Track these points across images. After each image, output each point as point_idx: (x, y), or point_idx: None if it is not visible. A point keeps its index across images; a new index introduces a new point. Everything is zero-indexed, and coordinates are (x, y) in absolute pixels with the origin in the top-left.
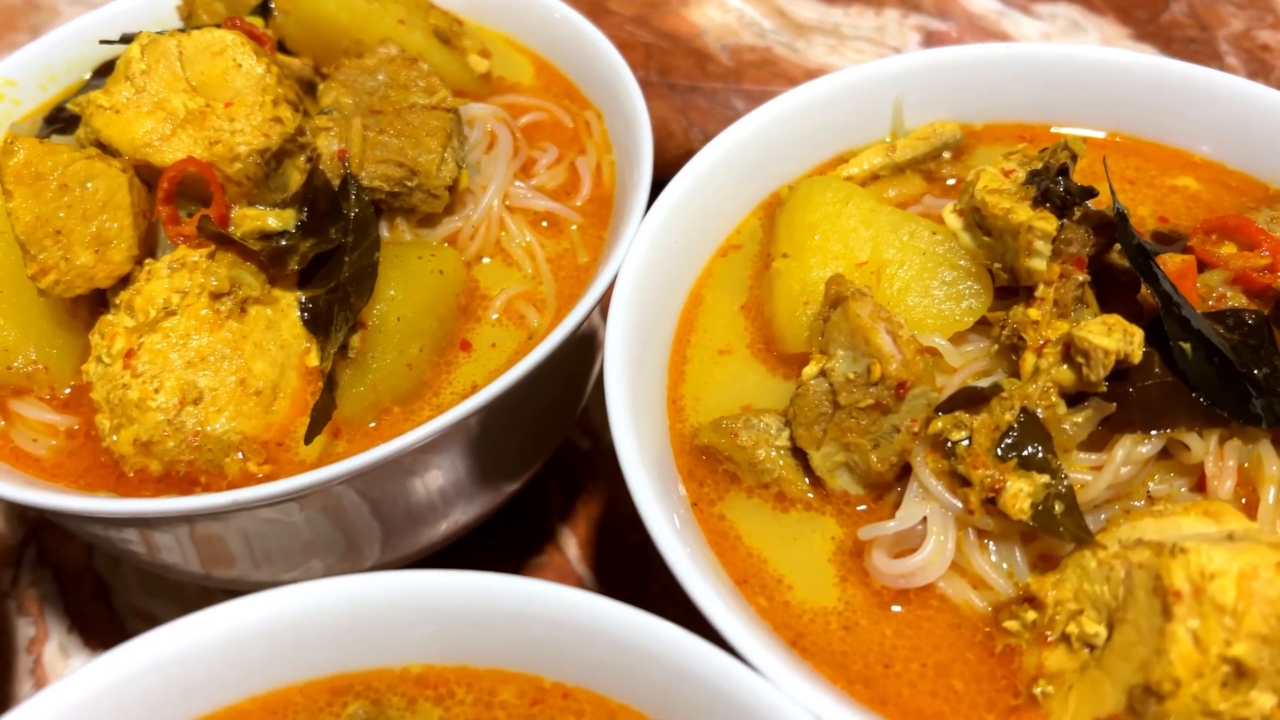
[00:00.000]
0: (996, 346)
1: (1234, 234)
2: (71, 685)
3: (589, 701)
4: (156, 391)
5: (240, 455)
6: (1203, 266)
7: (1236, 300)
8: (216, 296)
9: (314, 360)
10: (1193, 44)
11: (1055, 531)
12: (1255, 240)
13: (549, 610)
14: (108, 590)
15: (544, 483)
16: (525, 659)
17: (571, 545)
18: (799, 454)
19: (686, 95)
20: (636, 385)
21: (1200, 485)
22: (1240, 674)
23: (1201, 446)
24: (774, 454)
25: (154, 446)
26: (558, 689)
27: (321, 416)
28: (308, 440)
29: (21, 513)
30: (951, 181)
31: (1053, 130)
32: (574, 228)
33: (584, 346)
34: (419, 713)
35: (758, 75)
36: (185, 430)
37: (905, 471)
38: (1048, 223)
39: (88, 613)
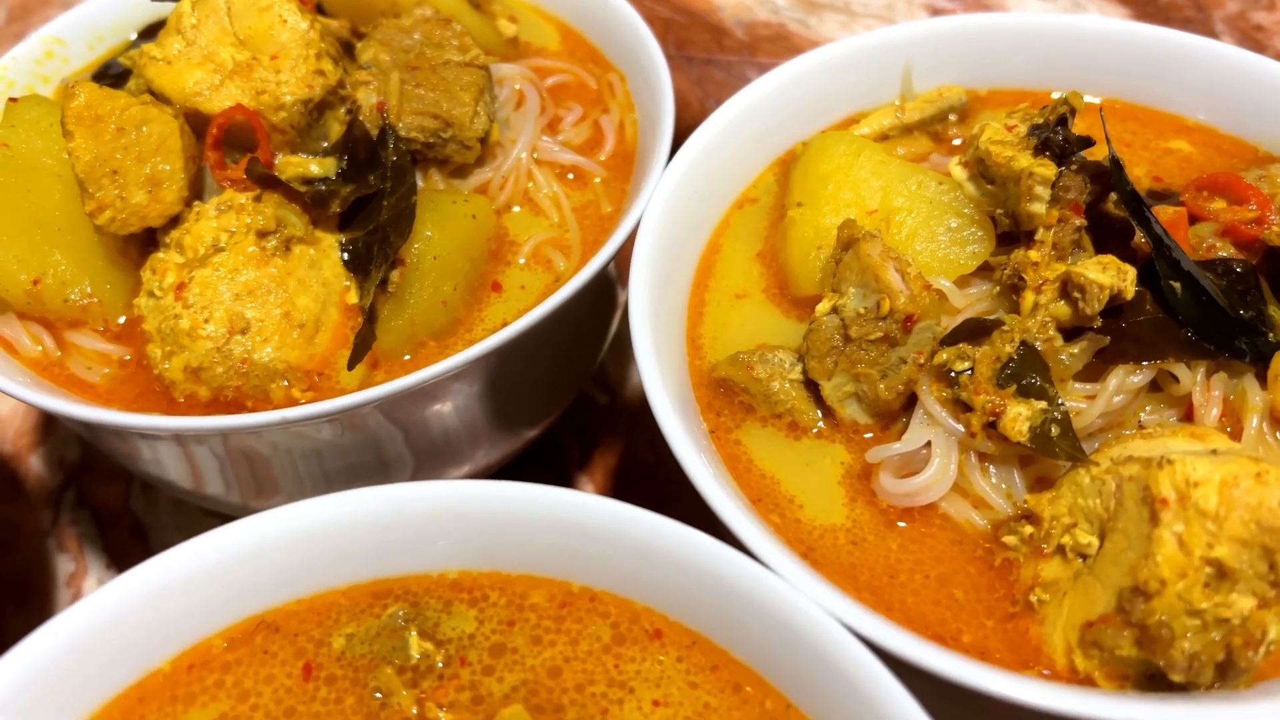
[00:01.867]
0: (998, 288)
1: (1224, 190)
2: (133, 579)
3: (614, 604)
4: (206, 321)
5: (285, 383)
6: (1194, 220)
7: (1226, 251)
8: (262, 235)
9: (353, 298)
10: (1190, 24)
11: (1052, 452)
12: (1244, 196)
13: (578, 517)
14: (144, 530)
15: (562, 435)
16: (554, 565)
17: (589, 493)
18: (811, 386)
19: (703, 68)
20: (658, 325)
21: (1188, 415)
22: (1221, 575)
23: (1190, 378)
24: (787, 386)
25: (203, 373)
26: (585, 592)
27: (363, 345)
28: (350, 366)
29: (60, 458)
30: (957, 141)
31: (1054, 96)
32: (598, 180)
33: (604, 299)
34: (455, 614)
35: (771, 49)
36: (233, 358)
37: (911, 403)
38: (1047, 169)
39: (125, 551)
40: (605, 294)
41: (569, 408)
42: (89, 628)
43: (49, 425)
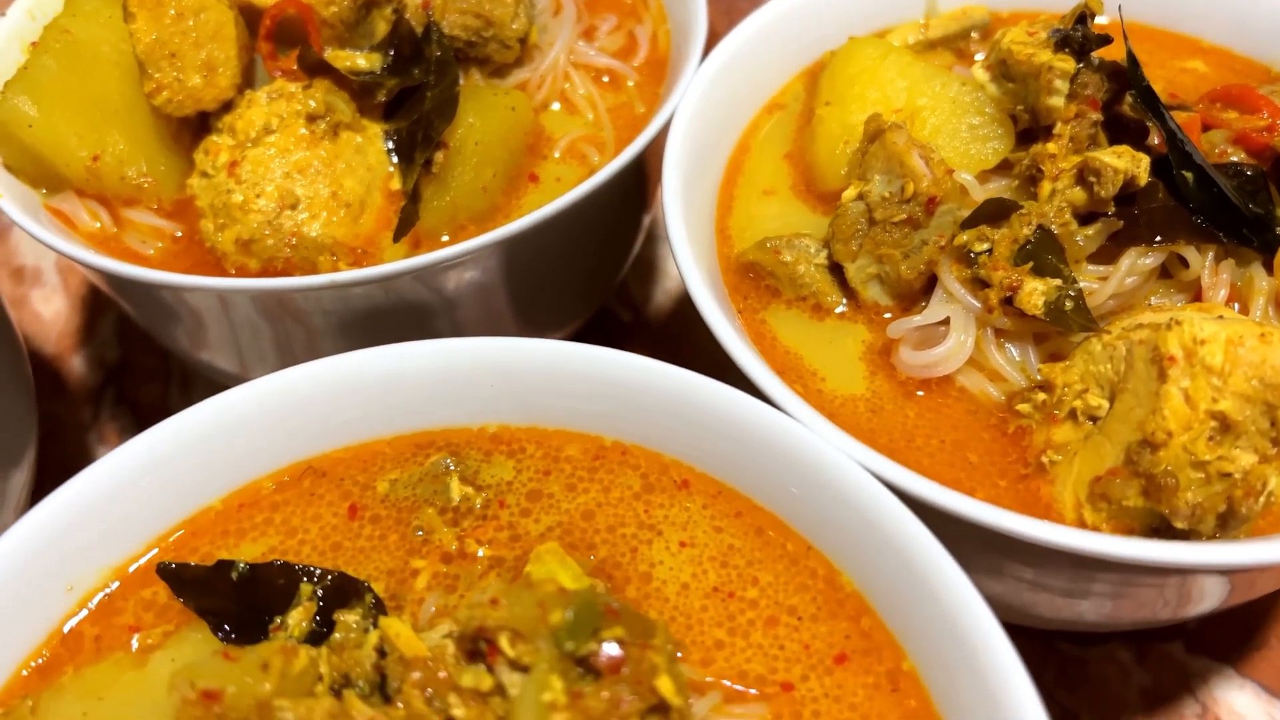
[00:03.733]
0: (1017, 183)
1: (1237, 101)
2: (185, 420)
3: (644, 457)
4: (258, 196)
5: (333, 257)
6: (1206, 128)
7: (1237, 156)
8: (312, 119)
9: (396, 184)
10: None
11: (1066, 324)
12: (1256, 106)
13: (614, 374)
14: None
15: None
16: (589, 420)
17: None
18: (835, 270)
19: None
20: (689, 214)
21: (1197, 299)
22: (1225, 428)
23: (1199, 261)
24: (812, 269)
25: (254, 245)
26: (617, 446)
27: (408, 221)
28: (396, 238)
29: (101, 358)
30: (979, 57)
31: None
32: (631, 84)
33: (634, 197)
34: (494, 464)
35: None
36: (283, 231)
37: (930, 287)
38: (1066, 63)
39: None
40: (636, 192)
41: (593, 320)
42: (143, 464)
43: (89, 328)
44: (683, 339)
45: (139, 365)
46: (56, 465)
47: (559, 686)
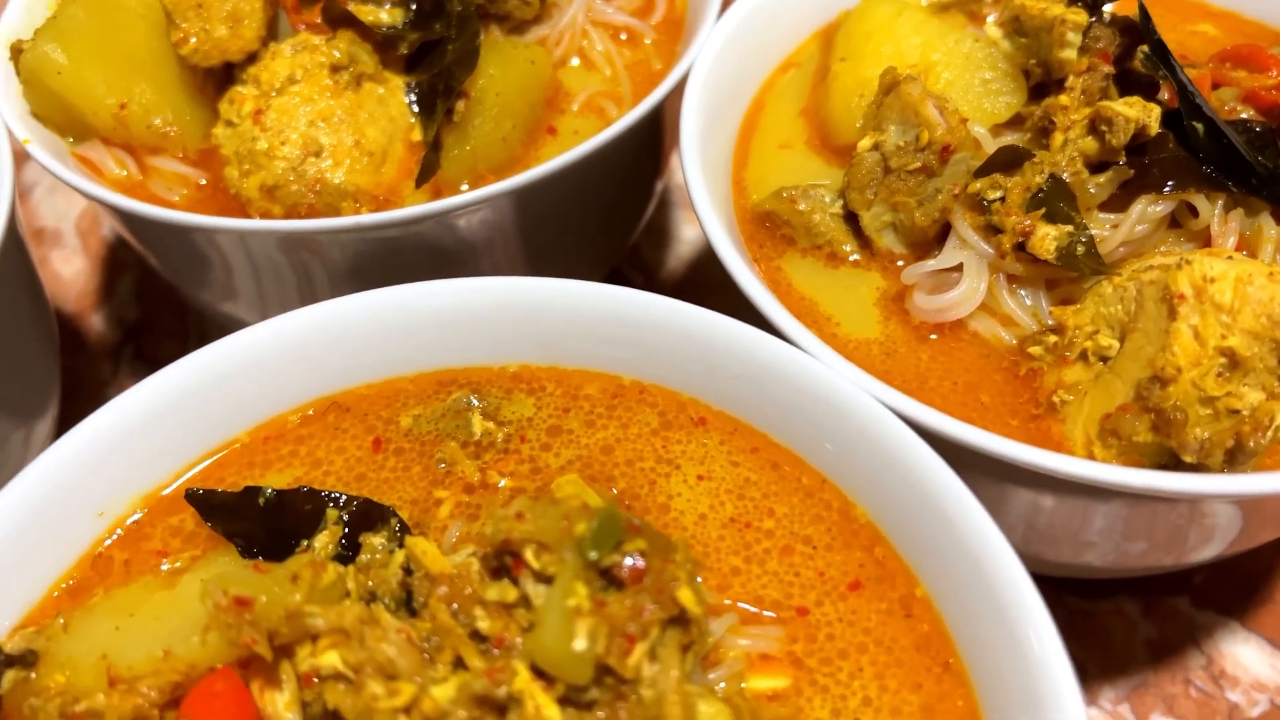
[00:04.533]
0: (1029, 135)
1: (1246, 61)
2: (210, 354)
3: (661, 395)
4: (283, 144)
5: (356, 204)
6: (1216, 87)
7: (1246, 114)
8: (336, 69)
9: (417, 135)
10: None
11: (1077, 268)
12: (1266, 65)
13: (633, 312)
14: None
15: None
16: (607, 360)
17: None
18: (850, 220)
19: None
20: (706, 166)
21: (1206, 246)
22: (1233, 365)
23: (1208, 209)
24: (827, 218)
25: (278, 191)
26: (635, 385)
27: (429, 168)
28: (419, 184)
29: (120, 317)
30: (991, 19)
31: None
32: (648, 41)
33: (649, 153)
34: (515, 401)
35: None
36: (307, 177)
37: (943, 237)
38: (1079, 16)
39: None
40: (650, 150)
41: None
42: (171, 396)
43: (109, 288)
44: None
45: (157, 323)
46: (77, 419)
47: (584, 593)
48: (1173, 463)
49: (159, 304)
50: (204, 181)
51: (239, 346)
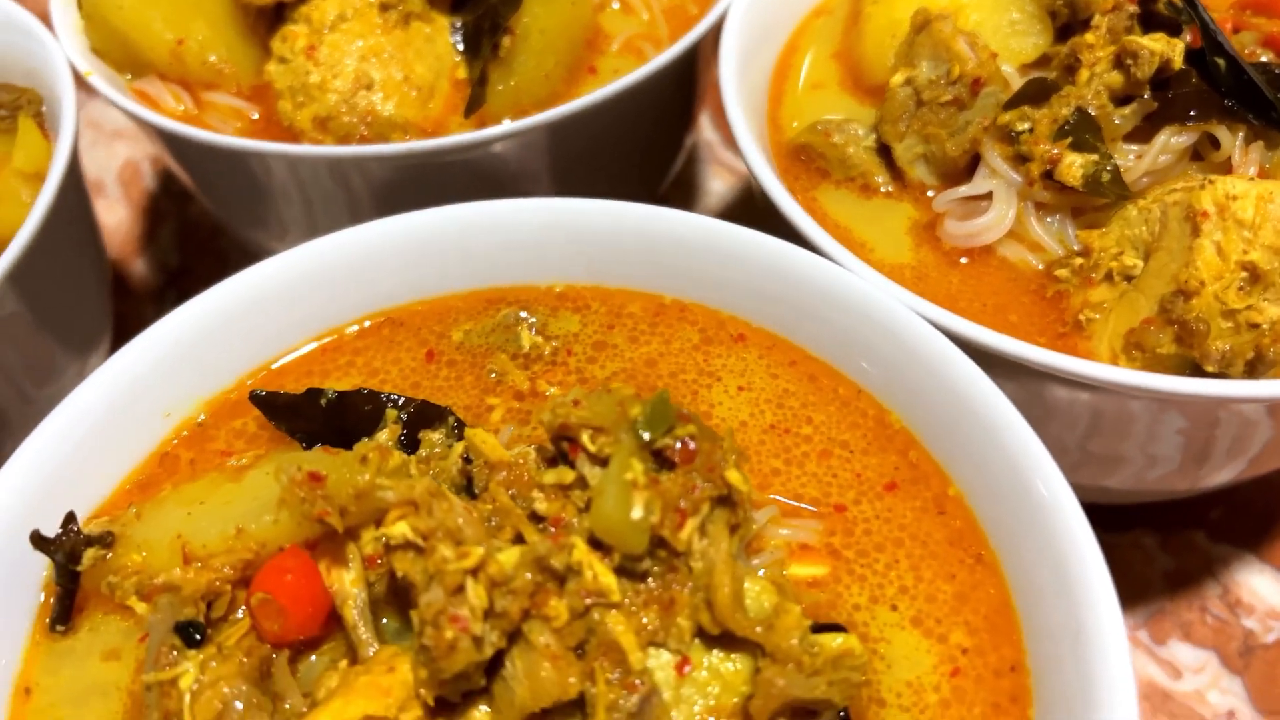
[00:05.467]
0: (1056, 74)
1: (1265, 9)
2: (266, 269)
3: (701, 313)
4: (335, 77)
5: (404, 135)
6: (1237, 31)
7: (1266, 57)
8: (384, 8)
9: (462, 73)
10: None
11: (1102, 194)
12: None
13: (674, 230)
14: None
15: None
16: (649, 279)
17: None
18: (882, 153)
19: None
20: (741, 103)
21: None
22: (1254, 278)
23: (1230, 139)
24: (861, 151)
25: (330, 122)
26: (676, 304)
27: (477, 100)
28: (467, 114)
29: (163, 263)
30: None
31: None
32: None
33: (678, 107)
34: (560, 318)
35: None
36: (359, 109)
37: (973, 168)
38: None
39: None
40: (683, 96)
41: None
42: (234, 304)
43: (151, 235)
44: None
45: (198, 269)
46: None
47: (640, 468)
48: (1196, 373)
49: (199, 251)
50: (256, 116)
51: (297, 260)
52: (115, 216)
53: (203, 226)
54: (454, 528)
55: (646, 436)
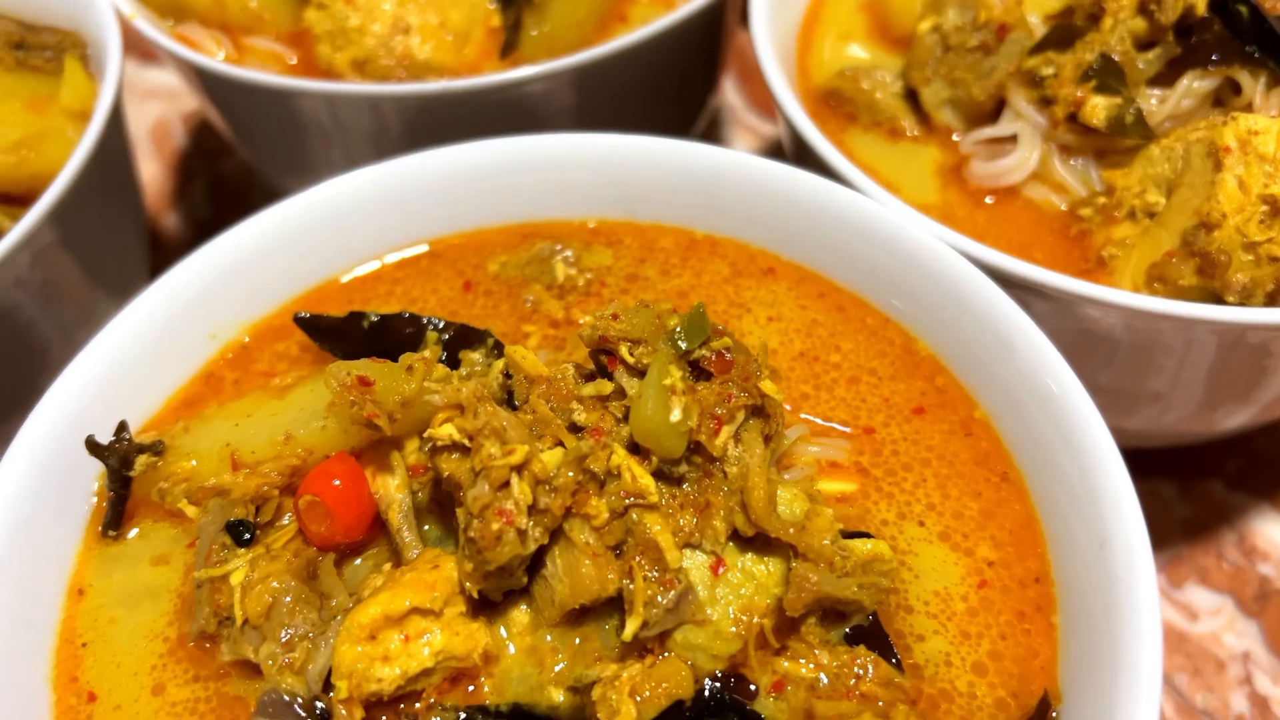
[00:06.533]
0: (1081, 24)
1: None
2: (320, 193)
3: (732, 248)
4: (373, 21)
5: (441, 78)
6: None
7: None
8: None
9: (495, 21)
10: None
11: (1126, 134)
12: None
13: (705, 164)
14: None
15: None
16: (680, 215)
17: None
18: (909, 98)
19: None
20: (772, 49)
21: None
22: (1275, 212)
23: (1251, 84)
24: (888, 96)
25: (368, 65)
26: (706, 239)
27: (511, 44)
28: (503, 56)
29: (194, 217)
30: None
31: None
32: None
33: (704, 61)
34: (594, 252)
35: None
36: (396, 52)
37: (998, 113)
38: None
39: None
40: (708, 48)
41: None
42: (275, 233)
43: (182, 190)
44: None
45: (229, 222)
46: None
47: (678, 374)
48: (1217, 304)
49: (230, 204)
50: (294, 60)
51: (342, 189)
52: (148, 172)
53: (234, 179)
54: (499, 428)
55: (684, 346)
